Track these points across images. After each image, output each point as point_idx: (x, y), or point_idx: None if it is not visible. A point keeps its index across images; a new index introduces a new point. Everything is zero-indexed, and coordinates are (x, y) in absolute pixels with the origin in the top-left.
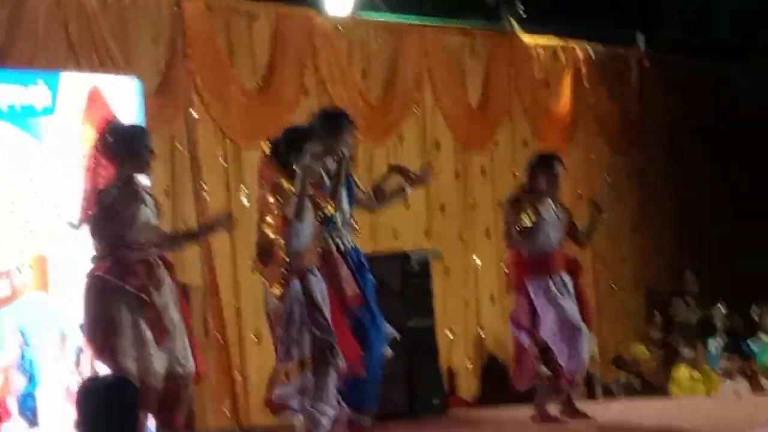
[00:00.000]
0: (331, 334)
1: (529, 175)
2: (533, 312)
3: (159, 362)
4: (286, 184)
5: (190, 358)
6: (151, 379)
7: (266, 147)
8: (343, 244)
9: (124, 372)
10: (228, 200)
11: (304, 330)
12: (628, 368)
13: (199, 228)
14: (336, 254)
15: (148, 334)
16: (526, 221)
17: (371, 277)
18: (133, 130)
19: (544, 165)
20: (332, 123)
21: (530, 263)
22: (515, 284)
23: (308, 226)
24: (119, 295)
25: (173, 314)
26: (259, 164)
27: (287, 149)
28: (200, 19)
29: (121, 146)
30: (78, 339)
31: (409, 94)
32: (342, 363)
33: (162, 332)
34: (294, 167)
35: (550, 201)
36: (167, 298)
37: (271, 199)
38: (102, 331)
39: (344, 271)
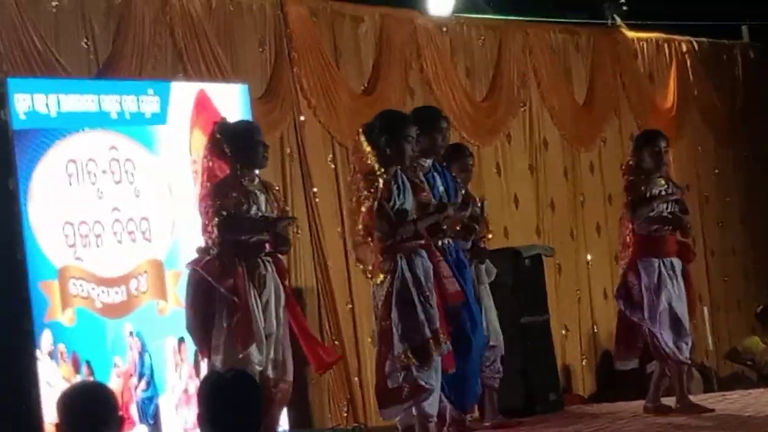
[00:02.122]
0: (437, 320)
1: (634, 154)
2: (641, 291)
3: (251, 363)
4: (378, 166)
5: (287, 365)
6: None
7: (361, 131)
8: (443, 242)
9: (233, 368)
10: (338, 202)
11: (419, 310)
12: (742, 360)
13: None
14: (434, 249)
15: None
16: (639, 193)
17: (470, 274)
18: (243, 125)
19: (647, 141)
20: (426, 118)
21: (642, 242)
22: (627, 262)
23: (410, 206)
24: (213, 293)
25: (272, 319)
26: (353, 150)
27: (381, 131)
28: (305, 23)
29: (231, 142)
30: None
31: (515, 92)
32: (446, 350)
33: (247, 336)
34: (386, 149)
35: (660, 180)
36: (269, 301)
37: (365, 182)
38: (199, 326)
39: (444, 268)
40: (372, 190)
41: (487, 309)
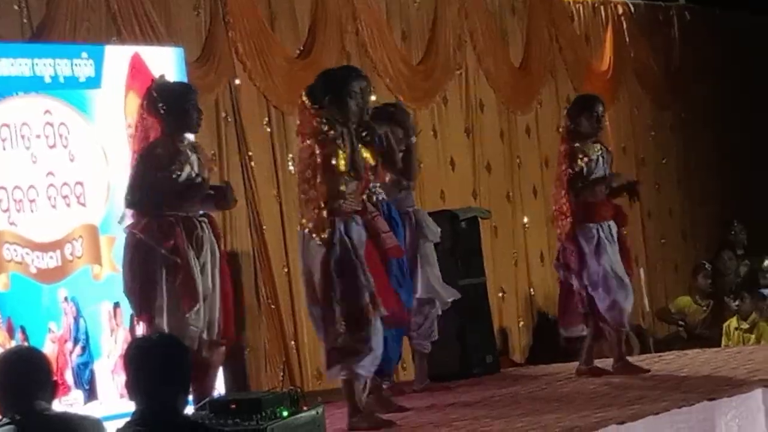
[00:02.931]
0: (371, 286)
1: (571, 118)
2: (581, 258)
3: (194, 324)
4: (326, 127)
5: (216, 326)
6: (186, 342)
7: (304, 93)
8: (376, 196)
9: (160, 332)
10: (273, 166)
11: (359, 275)
12: (673, 320)
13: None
14: (371, 207)
15: (180, 296)
16: (578, 165)
17: (402, 232)
18: (180, 87)
19: (585, 107)
20: (347, 76)
21: (580, 209)
22: (566, 230)
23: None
24: (153, 255)
25: (208, 280)
26: (297, 114)
27: (324, 90)
28: None
29: (166, 103)
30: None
31: (451, 55)
32: (383, 314)
33: (191, 296)
34: (331, 109)
35: (596, 145)
36: (206, 262)
37: (311, 143)
38: (138, 290)
39: (382, 223)
40: (320, 151)
41: (432, 268)
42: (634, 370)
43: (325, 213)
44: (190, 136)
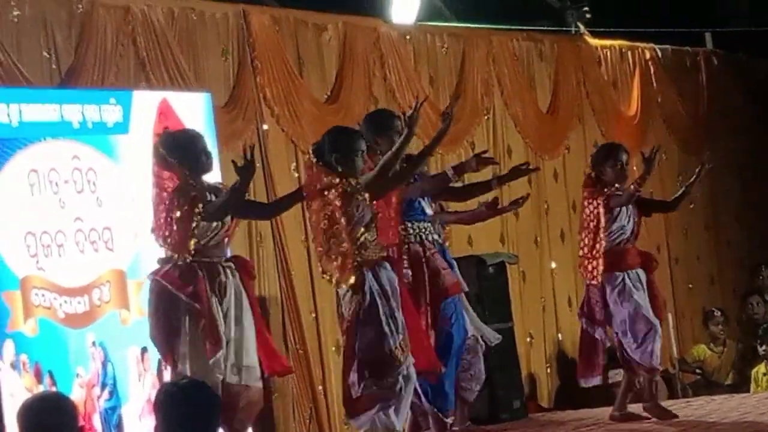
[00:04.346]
0: (403, 330)
1: (594, 166)
2: (606, 307)
3: (217, 370)
4: (337, 180)
5: (252, 370)
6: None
7: (311, 151)
8: (433, 237)
9: (188, 377)
10: (301, 211)
11: (384, 323)
12: (691, 369)
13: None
14: (429, 244)
15: (203, 342)
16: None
17: (458, 273)
18: (185, 135)
19: (608, 155)
20: (379, 121)
21: (606, 257)
22: (591, 278)
23: (369, 217)
24: (177, 302)
25: (232, 325)
26: (305, 172)
27: (330, 149)
28: (267, 32)
29: (174, 154)
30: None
31: (479, 100)
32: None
33: (214, 341)
34: (338, 167)
35: (619, 193)
36: (230, 308)
37: (325, 198)
38: (162, 335)
39: (440, 260)
40: (336, 204)
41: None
42: (664, 413)
43: (349, 263)
44: (210, 178)
